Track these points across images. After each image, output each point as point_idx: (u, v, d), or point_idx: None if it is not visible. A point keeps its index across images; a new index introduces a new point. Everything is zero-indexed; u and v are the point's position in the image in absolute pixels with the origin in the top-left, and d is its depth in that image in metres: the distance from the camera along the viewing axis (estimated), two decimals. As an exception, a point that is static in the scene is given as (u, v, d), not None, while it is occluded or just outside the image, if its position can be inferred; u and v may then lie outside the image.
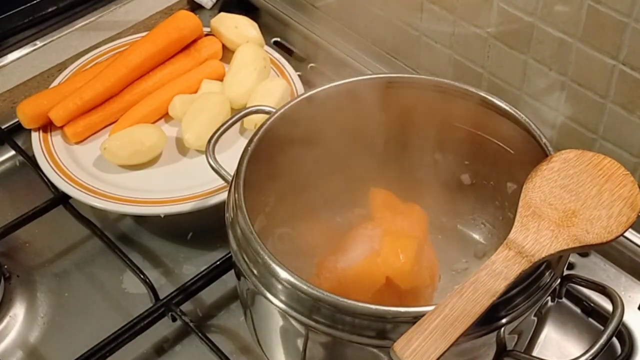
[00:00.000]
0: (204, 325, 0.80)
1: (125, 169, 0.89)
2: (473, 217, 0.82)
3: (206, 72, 0.98)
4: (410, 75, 0.78)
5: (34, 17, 1.05)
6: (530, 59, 0.87)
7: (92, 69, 0.98)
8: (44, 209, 0.87)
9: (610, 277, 0.81)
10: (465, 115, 0.74)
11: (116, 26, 1.08)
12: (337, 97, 0.74)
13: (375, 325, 0.58)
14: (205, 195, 0.84)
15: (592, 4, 0.78)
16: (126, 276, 0.84)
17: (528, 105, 0.90)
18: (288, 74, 0.98)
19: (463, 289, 0.56)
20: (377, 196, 0.77)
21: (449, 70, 0.98)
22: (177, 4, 1.12)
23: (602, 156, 0.65)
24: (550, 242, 0.59)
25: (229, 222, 0.66)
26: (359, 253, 0.72)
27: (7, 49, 1.04)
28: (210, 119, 0.89)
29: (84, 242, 0.88)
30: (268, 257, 0.61)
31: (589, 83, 0.83)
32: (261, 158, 0.70)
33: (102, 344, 0.74)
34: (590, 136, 0.86)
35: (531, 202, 0.62)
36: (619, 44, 0.78)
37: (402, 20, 1.00)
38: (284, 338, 0.66)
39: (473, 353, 0.61)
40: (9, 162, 0.97)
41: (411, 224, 0.76)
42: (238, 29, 1.01)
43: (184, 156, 0.91)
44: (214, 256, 0.82)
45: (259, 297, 0.63)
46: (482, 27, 0.90)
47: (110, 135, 0.92)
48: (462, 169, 0.79)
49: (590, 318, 0.79)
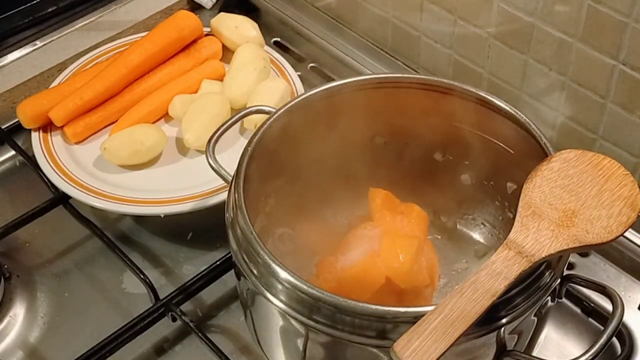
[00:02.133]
0: (204, 325, 0.79)
1: (125, 169, 0.89)
2: (473, 217, 0.82)
3: (206, 72, 0.98)
4: (410, 75, 0.78)
5: (34, 17, 1.05)
6: (530, 59, 0.87)
7: (92, 69, 0.98)
8: (44, 209, 0.86)
9: (610, 277, 0.81)
10: (465, 115, 0.74)
11: (116, 26, 1.08)
12: (337, 97, 0.74)
13: (375, 325, 0.58)
14: (205, 195, 0.84)
15: (592, 4, 0.78)
16: (126, 276, 0.84)
17: (528, 105, 0.90)
18: (288, 74, 0.98)
19: (463, 289, 0.56)
20: (376, 196, 0.77)
21: (449, 70, 0.98)
22: (177, 4, 1.12)
23: (602, 156, 0.65)
24: (550, 242, 0.59)
25: (229, 222, 0.66)
26: (358, 253, 0.72)
27: (7, 49, 1.04)
28: (210, 119, 0.89)
29: (84, 242, 0.88)
30: (268, 257, 0.61)
31: (589, 83, 0.83)
32: (261, 158, 0.70)
33: (102, 344, 0.74)
34: (590, 136, 0.86)
35: (531, 202, 0.62)
36: (619, 44, 0.78)
37: (402, 20, 1.00)
38: (284, 338, 0.66)
39: (473, 353, 0.61)
40: (9, 162, 0.97)
41: (411, 224, 0.76)
42: (238, 29, 1.01)
43: (184, 156, 0.91)
44: (214, 256, 0.82)
45: (259, 297, 0.63)
46: (482, 27, 0.90)
47: (110, 135, 0.92)
48: (462, 169, 0.79)
49: (590, 318, 0.79)
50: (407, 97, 0.75)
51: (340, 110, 0.75)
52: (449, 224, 0.82)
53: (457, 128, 0.75)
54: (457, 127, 0.75)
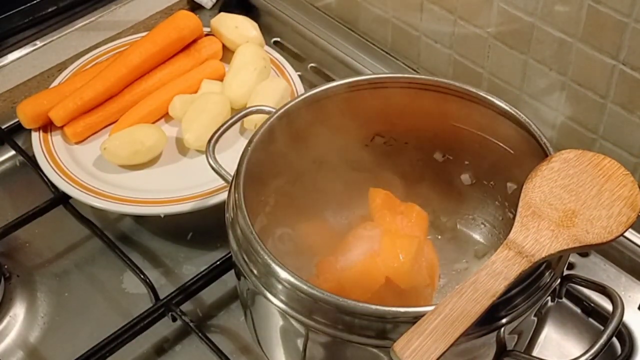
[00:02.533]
0: (204, 325, 0.79)
1: (125, 169, 0.89)
2: (473, 217, 0.82)
3: (206, 72, 0.98)
4: (410, 75, 0.78)
5: (34, 17, 1.05)
6: (530, 59, 0.87)
7: (92, 69, 0.98)
8: (44, 209, 0.86)
9: (610, 277, 0.81)
10: (465, 115, 0.74)
11: (116, 26, 1.08)
12: (337, 97, 0.74)
13: (375, 325, 0.58)
14: (205, 195, 0.84)
15: (592, 4, 0.78)
16: (126, 276, 0.84)
17: (528, 105, 0.90)
18: (288, 74, 0.98)
19: (463, 289, 0.56)
20: (376, 196, 0.77)
21: (449, 70, 0.98)
22: (177, 4, 1.12)
23: (602, 156, 0.65)
24: (550, 242, 0.59)
25: (229, 222, 0.66)
26: (358, 253, 0.71)
27: (7, 49, 1.04)
28: (210, 119, 0.89)
29: (84, 242, 0.87)
30: (268, 257, 0.61)
31: (589, 83, 0.83)
32: (261, 158, 0.70)
33: (102, 344, 0.74)
34: (590, 136, 0.86)
35: (531, 202, 0.62)
36: (619, 44, 0.78)
37: (402, 20, 1.00)
38: (284, 338, 0.66)
39: (473, 353, 0.61)
40: (9, 162, 0.97)
41: (411, 224, 0.76)
42: (238, 29, 1.01)
43: (184, 156, 0.91)
44: (214, 256, 0.82)
45: (259, 297, 0.63)
46: (482, 27, 0.90)
47: (110, 135, 0.92)
48: (462, 169, 0.79)
49: (590, 318, 0.79)
50: (406, 97, 0.75)
51: (340, 110, 0.75)
52: (449, 224, 0.82)
53: (457, 128, 0.75)
54: (457, 127, 0.75)
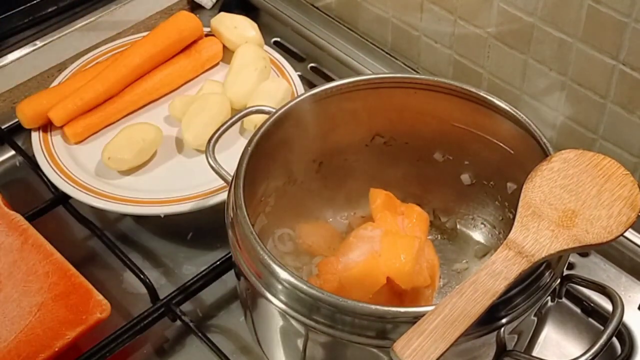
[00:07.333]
0: (204, 325, 0.79)
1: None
2: (473, 217, 0.82)
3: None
4: (410, 75, 0.78)
5: (34, 17, 1.04)
6: (530, 59, 0.87)
7: (92, 69, 0.98)
8: (44, 209, 0.86)
9: (610, 277, 0.81)
10: (465, 115, 0.74)
11: (116, 26, 1.08)
12: (337, 97, 0.74)
13: (375, 325, 0.58)
14: (205, 195, 0.84)
15: (592, 4, 0.78)
16: (126, 276, 0.84)
17: (528, 105, 0.90)
18: (288, 74, 0.98)
19: (463, 289, 0.56)
20: (377, 197, 0.77)
21: (449, 70, 0.98)
22: (177, 4, 1.12)
23: (602, 156, 0.65)
24: (550, 242, 0.59)
25: (229, 222, 0.66)
26: (359, 254, 0.72)
27: (7, 49, 1.04)
28: (210, 119, 0.89)
29: (84, 242, 0.87)
30: (268, 257, 0.61)
31: (589, 83, 0.83)
32: (261, 158, 0.70)
33: (102, 344, 0.74)
34: (590, 136, 0.86)
35: (531, 202, 0.62)
36: (619, 44, 0.78)
37: (402, 20, 1.00)
38: (284, 338, 0.66)
39: (473, 353, 0.61)
40: (9, 162, 0.97)
41: (411, 225, 0.76)
42: (238, 29, 1.01)
43: (184, 156, 0.91)
44: (214, 256, 0.82)
45: (259, 297, 0.63)
46: (482, 27, 0.90)
47: (106, 145, 0.89)
48: (462, 169, 0.79)
49: (590, 318, 0.79)
50: (407, 97, 0.75)
51: (340, 110, 0.75)
52: (449, 224, 0.82)
53: (457, 128, 0.76)
54: (457, 127, 0.76)
